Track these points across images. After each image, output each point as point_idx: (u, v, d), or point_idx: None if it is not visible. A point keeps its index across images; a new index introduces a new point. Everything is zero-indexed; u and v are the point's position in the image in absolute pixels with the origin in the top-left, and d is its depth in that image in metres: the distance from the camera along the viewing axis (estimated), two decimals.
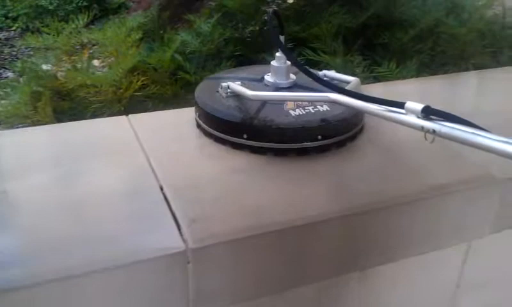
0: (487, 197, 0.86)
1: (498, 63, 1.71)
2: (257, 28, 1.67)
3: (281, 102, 0.92)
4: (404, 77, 1.49)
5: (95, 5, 3.13)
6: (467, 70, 1.59)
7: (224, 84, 0.96)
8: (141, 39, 1.57)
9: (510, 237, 0.92)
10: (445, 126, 0.58)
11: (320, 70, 1.03)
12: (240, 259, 0.70)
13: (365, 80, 1.52)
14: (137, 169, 0.84)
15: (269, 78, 0.99)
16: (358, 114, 0.93)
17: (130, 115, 1.02)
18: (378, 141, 0.95)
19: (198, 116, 0.96)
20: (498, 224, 0.88)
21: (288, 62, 0.97)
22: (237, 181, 0.81)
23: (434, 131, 0.59)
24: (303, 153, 0.88)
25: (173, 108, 1.13)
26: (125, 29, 1.54)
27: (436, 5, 1.83)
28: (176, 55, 1.50)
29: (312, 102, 0.91)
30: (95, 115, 1.32)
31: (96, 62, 1.59)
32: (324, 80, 0.86)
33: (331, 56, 1.52)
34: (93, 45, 1.62)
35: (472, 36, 1.71)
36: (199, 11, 1.79)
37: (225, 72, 1.09)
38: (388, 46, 1.69)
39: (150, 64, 1.48)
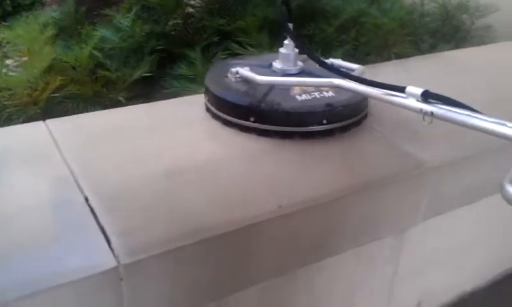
0: (419, 186, 0.87)
1: (419, 51, 1.72)
2: (180, 21, 1.61)
3: (288, 87, 0.95)
4: None
5: (7, 1, 2.93)
6: (389, 59, 1.61)
7: (233, 69, 1.00)
8: (56, 36, 1.46)
9: (442, 222, 0.95)
10: (442, 108, 0.61)
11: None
12: (178, 269, 0.65)
13: None
14: (58, 180, 0.76)
15: (277, 64, 1.02)
16: (363, 100, 0.96)
17: (47, 120, 0.95)
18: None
19: (208, 100, 1.00)
20: (430, 211, 0.90)
21: (296, 50, 1.01)
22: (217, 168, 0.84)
23: (432, 113, 0.62)
24: (308, 136, 0.92)
25: (95, 108, 1.12)
26: (38, 25, 1.42)
27: None
28: (96, 52, 1.41)
29: (318, 88, 0.94)
30: (10, 120, 1.20)
31: (9, 62, 1.43)
32: (331, 66, 0.89)
33: (257, 49, 1.49)
34: (7, 43, 1.46)
35: (393, 25, 1.71)
36: (118, 5, 1.67)
37: (234, 59, 1.13)
38: (313, 37, 1.68)
39: (67, 62, 1.36)
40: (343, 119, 0.93)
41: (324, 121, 0.91)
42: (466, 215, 1.00)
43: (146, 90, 1.42)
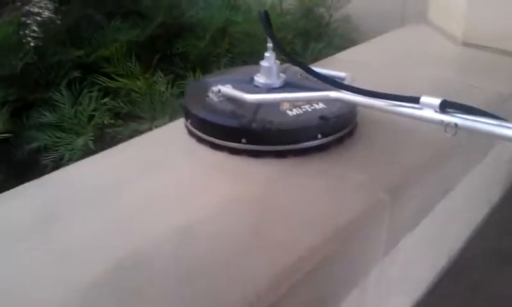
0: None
1: (296, 54, 1.73)
2: (30, 61, 1.39)
3: (277, 103, 0.90)
4: None
5: None
6: None
7: (214, 88, 0.94)
8: None
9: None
10: (467, 119, 0.59)
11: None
12: None
13: (175, 98, 1.45)
14: None
15: (259, 79, 0.97)
16: (353, 109, 0.93)
17: None
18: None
19: (191, 124, 0.93)
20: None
21: (278, 62, 0.96)
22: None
23: (456, 125, 0.60)
24: (302, 153, 0.87)
25: None
26: None
27: (222, 5, 1.79)
28: None
29: (308, 101, 0.90)
30: None
31: None
32: (329, 78, 0.85)
33: (129, 79, 1.41)
34: None
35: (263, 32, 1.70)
36: None
37: (209, 77, 1.06)
38: (186, 55, 1.62)
39: None
40: (337, 131, 0.90)
41: (319, 136, 0.87)
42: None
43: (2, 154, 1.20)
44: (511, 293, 1.28)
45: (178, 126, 0.98)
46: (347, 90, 0.76)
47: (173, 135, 0.97)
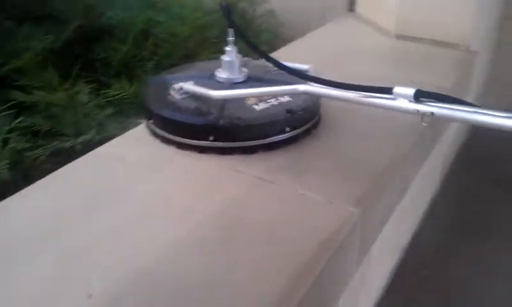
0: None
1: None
2: None
3: (243, 98, 0.89)
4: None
5: None
6: None
7: (176, 86, 0.90)
8: None
9: None
10: (444, 108, 0.60)
11: None
12: None
13: (100, 109, 1.34)
14: None
15: (221, 74, 0.95)
16: (317, 101, 0.93)
17: None
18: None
19: (154, 124, 0.89)
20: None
21: (240, 56, 0.95)
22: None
23: (432, 113, 0.61)
24: (272, 147, 0.86)
25: None
26: None
27: (143, 5, 1.69)
28: None
29: (274, 95, 0.89)
30: None
31: None
32: (298, 71, 0.84)
33: (47, 91, 1.26)
34: None
35: (189, 30, 1.63)
36: None
37: (168, 73, 1.02)
38: (109, 60, 1.50)
39: None
40: (304, 123, 0.89)
41: (287, 129, 0.87)
42: None
43: None
44: (456, 287, 1.35)
45: (137, 131, 0.93)
46: (318, 83, 0.75)
47: (131, 141, 0.91)
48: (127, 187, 0.78)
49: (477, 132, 2.01)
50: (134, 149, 0.88)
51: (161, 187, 0.78)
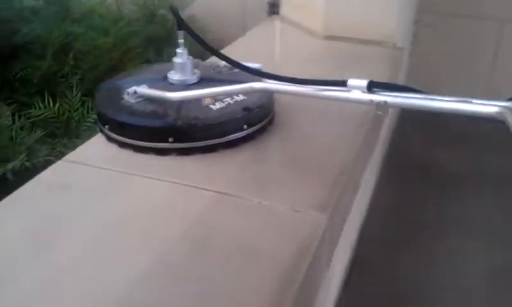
0: None
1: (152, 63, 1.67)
2: None
3: (199, 98, 0.90)
4: (71, 110, 1.32)
5: None
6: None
7: (129, 90, 0.90)
8: None
9: None
10: (395, 96, 0.65)
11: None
12: None
13: (26, 132, 1.29)
14: None
15: (173, 76, 0.95)
16: (271, 97, 0.96)
17: None
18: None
19: (109, 129, 0.88)
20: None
21: (191, 57, 0.96)
22: None
23: (385, 102, 0.66)
24: (230, 145, 0.88)
25: None
26: None
27: (59, 18, 1.62)
28: None
29: (229, 94, 0.91)
30: None
31: None
32: (255, 70, 0.87)
33: None
34: None
35: (112, 41, 1.60)
36: None
37: (119, 78, 1.01)
38: (29, 79, 1.44)
39: None
40: (260, 120, 0.92)
41: (245, 126, 0.89)
42: None
43: None
44: (399, 280, 1.43)
45: (92, 143, 0.91)
46: (274, 79, 0.78)
47: (81, 158, 0.86)
48: (79, 216, 0.71)
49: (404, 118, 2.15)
50: (83, 171, 0.82)
51: (116, 212, 0.72)
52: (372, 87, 0.68)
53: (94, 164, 0.83)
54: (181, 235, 0.67)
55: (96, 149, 0.88)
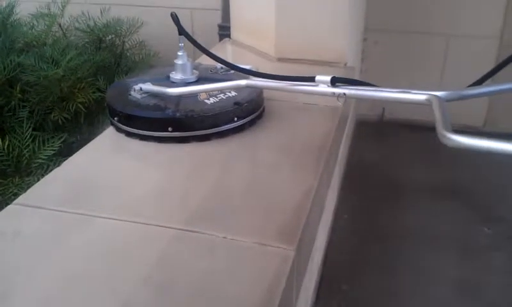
0: None
1: (103, 92, 1.64)
2: None
3: (195, 94, 1.03)
4: (21, 146, 1.24)
5: None
6: (79, 112, 1.44)
7: (136, 87, 1.04)
8: None
9: None
10: (352, 89, 0.77)
11: None
12: None
13: None
14: None
15: (175, 76, 1.09)
16: (261, 94, 1.09)
17: None
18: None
19: (118, 121, 1.02)
20: None
21: (191, 59, 1.09)
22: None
23: (344, 94, 0.78)
24: (223, 135, 1.01)
25: None
26: None
27: (3, 50, 1.55)
28: None
29: (222, 90, 1.04)
30: None
31: None
32: (243, 68, 1.00)
33: None
34: None
35: (61, 71, 1.52)
36: None
37: (128, 78, 1.16)
38: None
39: None
40: (250, 114, 1.05)
41: (236, 119, 1.02)
42: None
43: None
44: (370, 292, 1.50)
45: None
46: (257, 76, 0.91)
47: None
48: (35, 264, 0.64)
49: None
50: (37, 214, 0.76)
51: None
52: (335, 81, 0.80)
53: (47, 207, 0.76)
54: (145, 278, 0.62)
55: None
